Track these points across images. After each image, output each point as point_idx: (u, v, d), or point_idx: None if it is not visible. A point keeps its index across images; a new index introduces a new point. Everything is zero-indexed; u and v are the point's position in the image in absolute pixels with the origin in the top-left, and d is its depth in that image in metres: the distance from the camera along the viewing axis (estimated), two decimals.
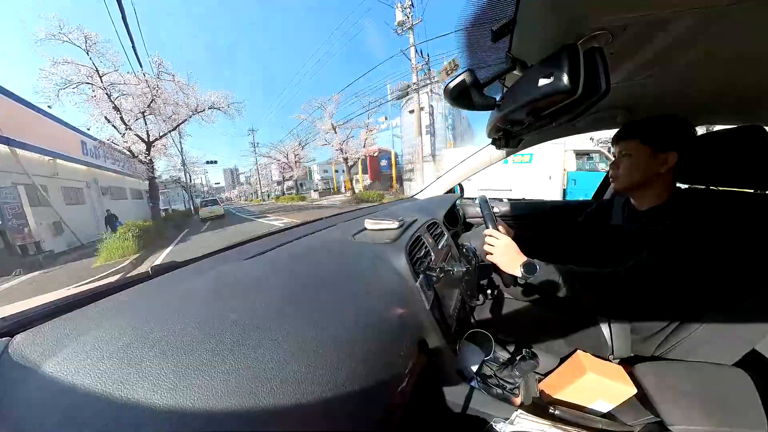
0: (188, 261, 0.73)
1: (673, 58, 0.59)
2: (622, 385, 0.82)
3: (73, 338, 0.38)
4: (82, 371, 0.33)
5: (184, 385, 0.33)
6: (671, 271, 0.75)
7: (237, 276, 0.63)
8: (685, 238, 0.75)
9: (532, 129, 0.65)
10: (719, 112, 0.99)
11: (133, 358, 0.35)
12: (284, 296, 0.54)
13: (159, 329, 0.40)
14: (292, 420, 0.36)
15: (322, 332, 0.47)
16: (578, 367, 0.89)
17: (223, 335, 0.41)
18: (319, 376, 0.40)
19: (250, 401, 0.34)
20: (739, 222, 0.80)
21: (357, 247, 0.87)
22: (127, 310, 0.47)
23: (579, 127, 1.37)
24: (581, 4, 0.41)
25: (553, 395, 0.92)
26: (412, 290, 0.74)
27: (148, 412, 0.30)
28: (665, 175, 0.85)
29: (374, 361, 0.49)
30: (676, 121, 0.84)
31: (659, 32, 0.48)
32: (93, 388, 0.32)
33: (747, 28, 0.46)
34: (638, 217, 0.91)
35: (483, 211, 1.02)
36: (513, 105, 0.57)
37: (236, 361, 0.37)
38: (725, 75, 0.69)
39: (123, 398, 0.31)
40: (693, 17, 0.43)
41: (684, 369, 0.82)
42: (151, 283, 0.60)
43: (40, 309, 0.46)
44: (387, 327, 0.60)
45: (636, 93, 0.84)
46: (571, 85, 0.43)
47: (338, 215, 1.40)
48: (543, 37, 0.50)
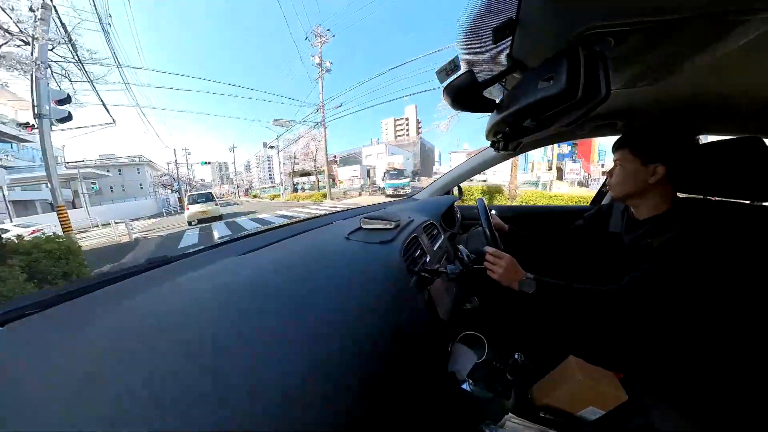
0: (182, 255, 0.72)
1: (676, 66, 0.59)
2: (614, 391, 0.82)
3: (62, 330, 0.38)
4: (69, 363, 0.33)
5: (172, 379, 0.32)
6: (670, 286, 0.75)
7: (231, 271, 0.62)
8: (685, 252, 0.75)
9: (531, 132, 0.65)
10: (720, 122, 0.99)
11: (122, 352, 0.35)
12: (278, 292, 0.54)
13: (149, 323, 0.40)
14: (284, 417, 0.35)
15: (314, 329, 0.47)
16: (570, 372, 0.89)
17: (215, 329, 0.40)
18: (308, 372, 0.40)
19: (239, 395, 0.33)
20: (736, 233, 0.80)
21: (352, 245, 0.86)
22: (118, 303, 0.47)
23: (578, 133, 1.37)
24: (584, 7, 0.41)
25: (545, 400, 0.91)
26: (405, 290, 0.74)
27: (131, 405, 0.30)
28: (659, 185, 0.84)
29: (365, 359, 0.49)
30: (668, 132, 0.83)
31: (663, 39, 0.48)
32: (79, 381, 0.31)
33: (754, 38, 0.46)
34: (637, 226, 0.91)
35: (481, 216, 1.02)
36: (512, 107, 0.57)
37: (225, 357, 0.37)
38: (728, 84, 0.68)
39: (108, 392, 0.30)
40: (698, 25, 0.43)
41: (676, 377, 0.82)
42: (144, 276, 0.60)
43: (31, 300, 0.45)
44: (379, 327, 0.59)
45: (637, 100, 0.83)
46: (571, 88, 0.43)
47: (335, 214, 1.40)
48: (544, 39, 0.49)
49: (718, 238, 0.76)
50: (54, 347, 0.34)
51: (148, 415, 0.29)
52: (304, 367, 0.40)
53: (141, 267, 0.63)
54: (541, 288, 0.82)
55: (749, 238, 0.79)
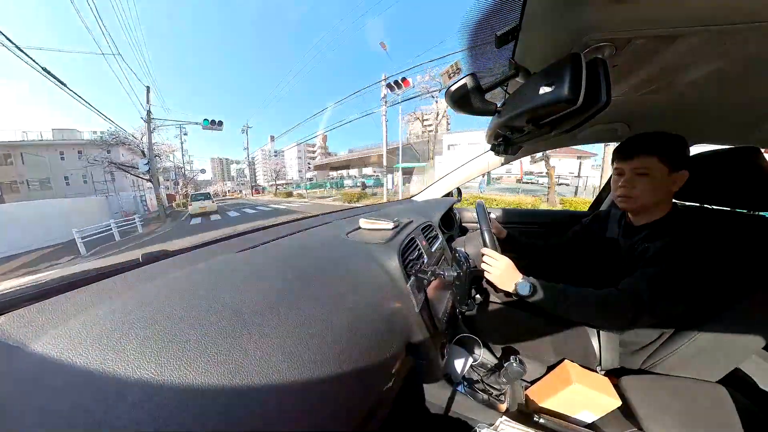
0: (180, 250, 0.72)
1: (676, 75, 0.59)
2: (607, 396, 0.82)
3: (57, 322, 0.38)
4: (64, 356, 0.33)
5: (164, 374, 0.32)
6: (665, 290, 0.75)
7: (228, 268, 0.62)
8: (681, 257, 0.75)
9: (531, 137, 0.65)
10: (717, 132, 1.00)
11: (116, 345, 0.35)
12: (274, 290, 0.54)
13: (145, 317, 0.40)
14: (272, 415, 0.35)
15: (309, 328, 0.47)
16: (565, 376, 0.89)
17: (209, 326, 0.40)
18: (303, 371, 0.40)
19: (229, 394, 0.33)
20: (732, 241, 0.81)
21: (350, 245, 0.86)
22: (114, 296, 0.47)
23: (578, 138, 1.38)
24: (587, 15, 0.41)
25: (539, 403, 0.92)
26: (402, 291, 0.74)
27: (125, 399, 0.30)
28: (672, 194, 0.83)
29: (360, 360, 0.49)
30: (682, 138, 0.81)
31: (665, 48, 0.48)
32: (74, 374, 0.31)
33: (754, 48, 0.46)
34: (634, 232, 0.91)
35: (479, 219, 1.02)
36: (513, 111, 0.57)
37: (219, 353, 0.37)
38: (727, 94, 0.69)
39: (102, 385, 0.30)
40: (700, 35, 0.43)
41: (669, 384, 0.83)
42: (141, 271, 0.59)
43: (25, 291, 0.45)
44: (375, 327, 0.59)
45: (637, 107, 0.84)
46: (572, 94, 0.43)
47: (333, 213, 1.40)
48: (547, 45, 0.50)
49: (712, 243, 0.77)
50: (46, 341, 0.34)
51: (135, 414, 0.29)
52: (299, 365, 0.40)
53: (138, 261, 0.63)
54: (537, 291, 0.82)
55: (744, 246, 0.79)
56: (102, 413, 0.29)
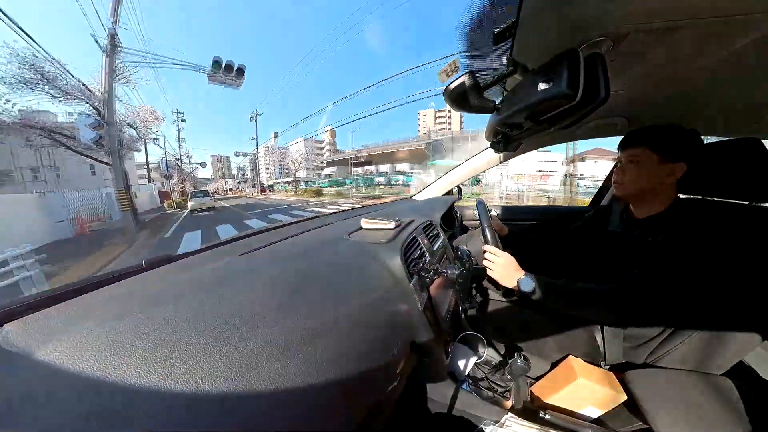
0: (183, 255, 0.72)
1: (675, 68, 0.59)
2: (612, 391, 0.82)
3: (63, 329, 0.38)
4: (70, 362, 0.33)
5: (170, 378, 0.33)
6: (668, 284, 0.75)
7: (231, 271, 0.63)
8: (683, 250, 0.75)
9: (530, 133, 0.65)
10: (717, 124, 1.00)
11: (122, 351, 0.35)
12: (277, 292, 0.54)
13: (149, 322, 0.40)
14: (278, 416, 0.35)
15: (314, 329, 0.47)
16: (570, 372, 0.89)
17: (213, 330, 0.40)
18: (308, 372, 0.40)
19: (236, 397, 0.34)
20: (735, 234, 0.81)
21: (352, 245, 0.86)
22: (118, 302, 0.47)
23: (578, 134, 1.38)
24: (584, 10, 0.41)
25: (544, 399, 0.92)
26: (405, 291, 0.74)
27: (132, 404, 0.30)
28: (669, 185, 0.84)
29: (365, 359, 0.49)
30: (686, 131, 0.82)
31: (663, 41, 0.48)
32: (81, 380, 0.31)
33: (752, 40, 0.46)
34: (636, 225, 0.91)
35: (480, 216, 1.02)
36: (512, 108, 0.57)
37: (224, 356, 0.37)
38: (727, 86, 0.69)
39: (109, 390, 0.31)
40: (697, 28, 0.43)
41: (674, 377, 0.83)
42: (145, 276, 0.60)
43: (31, 299, 0.45)
44: (379, 326, 0.59)
45: (636, 101, 0.84)
46: (571, 90, 0.43)
47: (335, 214, 1.40)
48: (545, 41, 0.50)
49: (714, 236, 0.77)
50: (52, 348, 0.35)
51: (143, 420, 0.29)
52: (305, 366, 0.41)
53: (142, 266, 0.63)
54: (540, 287, 0.82)
55: (747, 238, 0.79)
56: (110, 419, 0.29)
